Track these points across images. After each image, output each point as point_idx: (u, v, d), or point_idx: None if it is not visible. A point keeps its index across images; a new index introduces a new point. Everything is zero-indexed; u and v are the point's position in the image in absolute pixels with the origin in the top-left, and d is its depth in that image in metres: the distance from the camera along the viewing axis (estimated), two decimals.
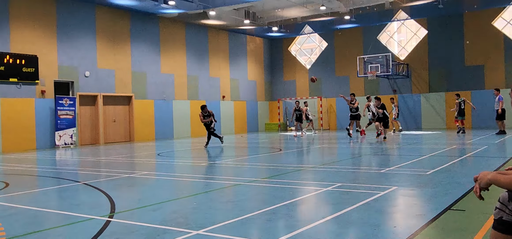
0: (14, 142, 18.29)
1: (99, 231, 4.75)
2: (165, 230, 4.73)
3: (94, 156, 15.02)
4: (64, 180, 9.20)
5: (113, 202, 6.42)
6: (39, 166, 12.43)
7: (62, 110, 19.73)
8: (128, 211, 5.87)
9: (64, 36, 20.15)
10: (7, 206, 6.39)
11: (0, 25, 17.95)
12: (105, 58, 21.86)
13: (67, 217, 5.59)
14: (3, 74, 17.94)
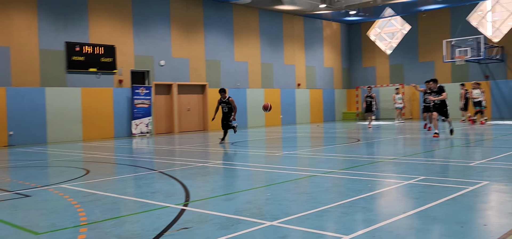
0: (94, 130, 19.61)
1: (174, 219, 4.98)
2: (239, 220, 4.85)
3: (169, 144, 15.69)
4: (140, 168, 9.72)
5: (188, 190, 6.69)
6: (117, 154, 13.23)
7: (138, 100, 20.81)
8: (202, 200, 6.09)
9: (140, 26, 21.18)
10: (87, 192, 6.89)
11: (79, 16, 19.25)
12: (179, 47, 22.67)
13: (144, 204, 5.91)
14: (83, 64, 19.26)
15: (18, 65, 17.51)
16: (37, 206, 6.05)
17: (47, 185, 7.64)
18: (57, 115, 18.48)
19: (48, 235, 4.52)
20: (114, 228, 4.75)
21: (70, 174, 8.98)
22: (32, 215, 5.52)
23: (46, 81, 18.27)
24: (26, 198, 6.53)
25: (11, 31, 17.36)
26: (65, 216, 5.33)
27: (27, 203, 6.22)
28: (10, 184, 7.96)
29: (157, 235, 4.38)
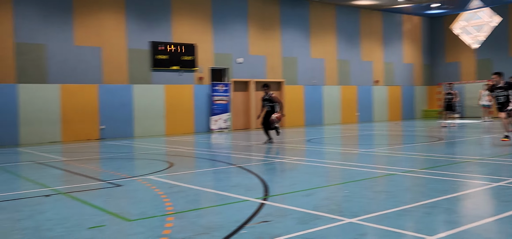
0: (175, 125, 20.49)
1: (254, 212, 5.11)
2: (318, 216, 4.88)
3: (246, 140, 16.01)
4: (219, 162, 10.03)
5: (267, 185, 6.82)
6: (197, 149, 13.73)
7: (217, 96, 21.42)
8: (281, 195, 6.18)
9: (219, 25, 21.76)
10: (172, 183, 7.25)
11: (163, 17, 20.17)
12: (256, 45, 23.01)
13: (225, 197, 6.12)
14: (166, 62, 20.18)
15: (109, 64, 18.73)
16: (127, 195, 6.49)
17: (135, 176, 8.13)
18: (143, 111, 19.54)
19: (139, 222, 4.84)
20: (198, 218, 4.98)
21: (155, 166, 9.48)
22: (124, 203, 5.94)
23: (133, 79, 19.38)
24: (118, 188, 7.01)
25: (102, 32, 18.60)
26: (153, 205, 5.67)
27: (118, 192, 6.68)
28: (103, 174, 8.57)
29: (238, 227, 4.52)
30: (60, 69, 17.68)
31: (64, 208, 5.63)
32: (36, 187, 7.25)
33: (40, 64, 17.30)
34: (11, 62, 16.75)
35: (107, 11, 18.73)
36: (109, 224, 4.80)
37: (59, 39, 17.69)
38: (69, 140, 17.67)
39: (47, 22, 17.45)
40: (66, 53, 17.84)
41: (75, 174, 8.63)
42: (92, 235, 4.41)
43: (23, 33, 16.98)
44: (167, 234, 4.34)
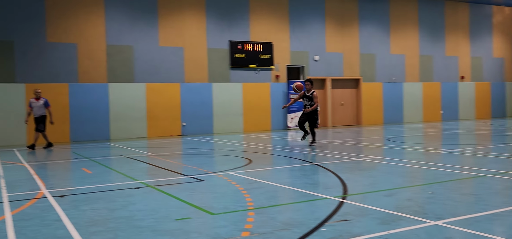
0: (253, 123, 20.83)
1: (334, 211, 5.10)
2: (400, 216, 4.77)
3: (323, 138, 15.90)
4: (296, 160, 10.08)
5: (345, 184, 6.77)
6: (274, 146, 13.87)
7: (293, 94, 21.45)
8: (360, 194, 6.11)
9: (296, 23, 21.79)
10: (252, 180, 7.41)
11: (241, 16, 20.56)
12: (333, 42, 22.76)
13: (303, 195, 6.16)
14: (244, 61, 20.57)
15: (190, 64, 19.47)
16: (210, 189, 6.75)
17: (216, 171, 8.42)
18: (222, 108, 20.10)
19: (221, 216, 5.03)
20: (278, 214, 5.07)
21: (235, 162, 9.74)
22: (207, 197, 6.18)
23: (213, 78, 19.98)
24: (200, 182, 7.30)
25: (184, 33, 19.37)
26: (234, 200, 5.85)
27: (201, 187, 6.96)
28: (186, 169, 8.95)
29: (318, 225, 4.55)
30: (146, 69, 18.68)
31: (152, 200, 5.97)
32: (127, 179, 7.76)
33: (128, 64, 18.38)
34: (103, 63, 17.96)
35: (189, 13, 19.46)
36: (194, 217, 5.03)
37: (145, 41, 18.67)
38: (154, 136, 18.63)
39: (135, 25, 18.48)
40: (152, 54, 18.79)
41: (161, 168, 9.11)
42: (180, 226, 4.65)
43: (113, 36, 18.14)
44: (249, 228, 4.46)
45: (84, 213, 5.32)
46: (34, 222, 4.95)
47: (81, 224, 4.82)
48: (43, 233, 4.50)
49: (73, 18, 17.53)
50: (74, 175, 8.81)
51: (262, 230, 4.38)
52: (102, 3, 17.97)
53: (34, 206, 5.76)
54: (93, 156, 11.76)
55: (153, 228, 4.58)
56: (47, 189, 6.99)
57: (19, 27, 16.70)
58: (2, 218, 5.15)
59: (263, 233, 4.28)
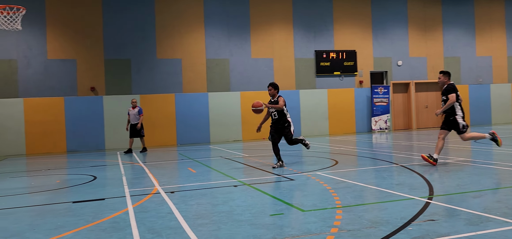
0: (338, 126, 20.53)
1: (420, 211, 4.91)
2: (489, 218, 4.47)
3: (407, 140, 15.25)
4: (381, 161, 9.78)
5: (431, 185, 6.46)
6: (359, 148, 13.56)
7: (377, 98, 20.83)
8: (446, 195, 5.80)
9: (379, 31, 21.14)
10: (338, 179, 7.35)
11: (326, 27, 20.40)
12: (416, 47, 21.75)
13: (389, 195, 5.98)
14: (329, 68, 20.38)
15: (279, 73, 19.71)
16: (300, 188, 6.80)
17: (305, 171, 8.46)
18: (308, 113, 20.08)
19: (311, 212, 5.06)
20: (365, 213, 4.99)
21: (322, 163, 9.69)
22: (297, 195, 6.25)
23: (300, 85, 20.04)
24: (291, 181, 7.39)
25: (274, 45, 19.67)
26: (323, 199, 5.84)
27: (292, 186, 7.04)
28: (277, 169, 9.07)
29: (404, 224, 4.41)
30: (240, 79, 19.25)
31: (249, 197, 6.17)
32: (226, 178, 8.08)
33: (224, 75, 19.07)
34: (203, 75, 18.82)
35: (277, 27, 19.74)
36: (286, 213, 5.13)
37: (239, 54, 19.25)
38: (248, 139, 19.11)
39: (230, 41, 19.15)
40: (245, 65, 19.32)
41: (255, 168, 9.33)
42: (274, 221, 4.77)
43: (212, 51, 18.93)
44: (337, 225, 4.45)
45: (191, 207, 5.64)
46: (151, 214, 5.35)
47: (189, 216, 5.12)
48: (159, 223, 4.85)
49: (178, 37, 18.59)
50: (181, 174, 9.34)
51: (350, 227, 4.35)
52: (202, 23, 18.85)
53: (150, 200, 6.21)
54: (197, 157, 12.36)
55: (251, 222, 4.74)
56: (160, 185, 7.50)
57: (134, 48, 18.08)
58: (125, 210, 5.63)
59: (351, 230, 4.25)
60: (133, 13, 18.07)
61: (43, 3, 17.15)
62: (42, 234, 4.62)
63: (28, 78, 16.97)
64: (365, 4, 21.03)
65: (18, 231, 4.83)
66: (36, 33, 17.05)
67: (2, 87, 16.74)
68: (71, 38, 17.49)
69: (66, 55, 17.43)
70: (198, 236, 4.28)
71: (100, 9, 17.77)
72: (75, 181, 8.57)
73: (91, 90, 17.60)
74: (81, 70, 17.56)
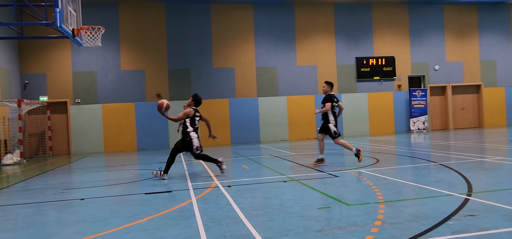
0: (378, 127, 20.02)
1: (459, 206, 4.73)
2: None
3: (445, 140, 14.63)
4: (420, 160, 9.44)
5: (469, 182, 6.19)
6: (398, 147, 13.15)
7: (415, 101, 20.12)
8: (485, 192, 5.53)
9: (416, 38, 20.43)
10: (380, 177, 7.19)
11: (366, 36, 19.96)
12: (453, 52, 20.80)
13: (429, 191, 5.78)
14: (368, 74, 19.92)
15: (323, 78, 19.53)
16: (344, 184, 6.72)
17: (348, 169, 8.34)
18: (350, 115, 19.73)
19: (356, 206, 5.00)
20: (407, 208, 4.87)
21: (364, 161, 9.51)
22: (342, 191, 6.18)
23: (342, 89, 19.75)
24: (335, 178, 7.31)
25: (317, 53, 19.52)
26: (366, 194, 5.75)
27: (337, 182, 6.97)
28: (322, 167, 9.01)
29: (444, 218, 4.27)
30: (286, 85, 19.26)
31: (297, 192, 6.18)
32: (276, 174, 8.13)
33: (272, 81, 19.16)
34: (253, 81, 19.01)
35: (320, 36, 19.58)
36: (332, 207, 5.10)
37: (286, 62, 19.27)
38: (294, 139, 19.08)
39: (277, 50, 19.22)
40: (291, 72, 19.31)
41: (302, 166, 9.32)
42: (321, 213, 4.76)
43: (261, 59, 19.09)
44: (381, 218, 4.38)
45: (246, 200, 5.74)
46: (211, 205, 5.50)
47: (245, 208, 5.22)
48: (219, 214, 4.99)
49: (231, 48, 18.91)
50: (236, 170, 9.49)
51: (393, 221, 4.27)
52: (252, 34, 19.05)
53: (211, 193, 6.38)
54: (249, 155, 12.51)
55: (300, 214, 4.77)
56: (218, 180, 7.68)
57: (193, 59, 18.59)
58: (190, 201, 5.83)
59: (394, 223, 4.17)
60: (192, 28, 18.59)
61: (117, 23, 18.04)
62: (121, 220, 4.88)
63: (105, 87, 17.90)
64: (402, 13, 20.38)
65: (102, 217, 5.14)
66: (111, 48, 17.97)
67: (85, 95, 17.77)
68: (140, 51, 18.27)
69: (136, 66, 18.22)
70: (254, 225, 4.36)
71: (164, 26, 18.43)
72: (146, 175, 8.96)
73: (157, 96, 18.28)
74: (148, 79, 18.29)
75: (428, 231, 3.88)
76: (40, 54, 17.48)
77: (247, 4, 19.00)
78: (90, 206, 5.92)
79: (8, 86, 15.85)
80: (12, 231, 4.73)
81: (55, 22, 8.30)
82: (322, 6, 19.61)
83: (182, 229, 4.36)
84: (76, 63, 17.73)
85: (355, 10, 19.90)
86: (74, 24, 9.46)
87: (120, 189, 7.42)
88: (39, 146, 17.27)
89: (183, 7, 18.52)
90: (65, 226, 4.85)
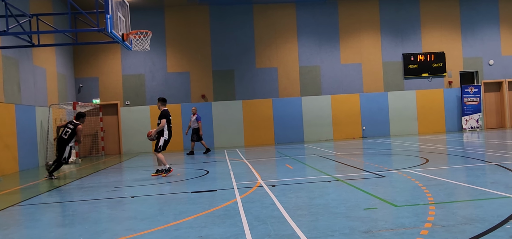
0: (427, 125, 19.23)
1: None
2: None
3: (501, 138, 13.78)
4: (473, 160, 8.97)
5: None
6: (449, 147, 12.57)
7: (467, 98, 19.13)
8: None
9: (468, 31, 19.42)
10: (430, 177, 6.91)
11: (413, 31, 19.24)
12: (509, 45, 19.54)
13: (483, 193, 5.49)
14: (417, 70, 19.19)
15: (368, 76, 19.07)
16: (391, 184, 6.52)
17: (396, 169, 8.09)
18: (397, 113, 19.12)
19: (404, 208, 4.84)
20: (459, 209, 4.65)
21: (412, 161, 9.19)
22: (390, 191, 6.00)
23: (388, 87, 19.17)
24: (382, 178, 7.12)
25: (362, 51, 19.08)
26: (415, 195, 5.55)
27: (383, 182, 6.78)
28: (368, 166, 8.82)
29: (501, 222, 4.03)
30: (330, 84, 18.99)
31: (343, 192, 6.08)
32: (320, 174, 8.05)
33: (316, 80, 18.97)
34: (297, 81, 18.93)
35: (365, 33, 19.12)
36: (379, 207, 4.97)
37: (329, 60, 19.01)
38: (338, 138, 18.79)
39: (321, 49, 19.00)
40: (335, 71, 19.02)
41: (347, 166, 9.16)
42: (368, 214, 4.65)
43: (304, 59, 18.96)
44: (431, 220, 4.21)
45: (291, 200, 5.73)
46: (256, 204, 5.54)
47: (290, 208, 5.21)
48: (264, 213, 5.01)
49: (274, 48, 18.94)
50: (280, 169, 9.49)
51: (444, 223, 4.09)
52: (295, 34, 18.97)
53: (255, 193, 6.43)
54: (293, 155, 12.47)
55: (346, 214, 4.69)
56: (262, 180, 7.72)
57: (237, 59, 18.81)
58: (234, 200, 5.91)
59: (445, 226, 4.00)
60: (235, 29, 18.82)
61: (163, 26, 18.64)
62: (169, 218, 5.05)
63: (153, 89, 18.55)
64: (453, 6, 19.44)
65: (151, 214, 5.34)
66: (158, 51, 18.59)
67: (134, 97, 18.52)
68: (185, 54, 18.76)
69: (182, 68, 18.73)
70: (299, 225, 4.35)
71: (208, 28, 18.80)
72: (192, 175, 9.19)
73: (202, 97, 18.68)
74: (193, 80, 18.74)
75: (483, 234, 3.68)
76: (93, 59, 18.43)
77: (289, 4, 18.94)
78: (140, 204, 6.16)
79: (64, 90, 16.87)
80: (69, 226, 5.03)
81: (106, 28, 8.72)
82: (366, 2, 19.14)
83: (228, 227, 4.43)
84: (125, 67, 18.52)
85: (401, 4, 19.24)
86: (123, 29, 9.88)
87: (168, 187, 7.66)
88: (92, 146, 18.22)
89: (226, 8, 18.80)
90: (117, 222, 5.09)
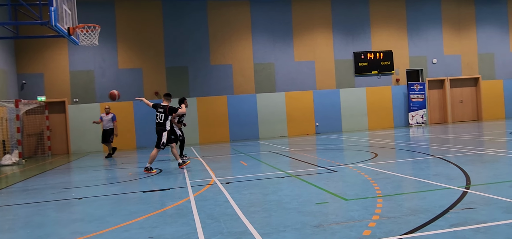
0: (376, 121, 20.02)
1: (458, 200, 4.72)
2: None
3: (443, 133, 14.62)
4: (418, 153, 9.44)
5: (468, 175, 6.18)
6: (397, 141, 13.15)
7: (413, 94, 20.11)
8: (483, 185, 5.53)
9: (414, 31, 20.40)
10: (378, 171, 7.18)
11: (363, 31, 19.93)
12: (450, 45, 20.78)
13: (427, 185, 5.78)
14: (367, 68, 19.89)
15: (320, 74, 19.50)
16: (342, 179, 6.70)
17: (347, 163, 8.33)
18: (348, 110, 19.72)
19: (354, 201, 4.99)
20: (405, 201, 4.86)
21: (362, 156, 9.51)
22: (340, 186, 6.16)
23: (340, 84, 19.72)
24: (334, 173, 7.30)
25: (315, 49, 19.47)
26: (364, 188, 5.74)
27: (335, 177, 6.96)
28: (321, 162, 9.02)
29: (443, 211, 4.26)
30: (284, 81, 19.23)
31: (296, 187, 6.16)
32: (274, 170, 8.11)
33: (270, 78, 19.13)
34: (251, 78, 18.98)
35: (318, 31, 19.53)
36: (331, 202, 5.08)
37: (283, 58, 19.23)
38: (293, 135, 19.07)
39: (275, 46, 19.17)
40: (289, 68, 19.28)
41: (301, 161, 9.31)
42: (319, 209, 4.74)
43: (259, 56, 19.04)
44: (379, 213, 4.37)
45: (244, 196, 5.72)
46: (209, 202, 5.48)
47: (243, 205, 5.20)
48: (217, 211, 4.97)
49: (228, 45, 18.86)
50: (234, 167, 9.47)
51: (391, 215, 4.25)
52: (250, 31, 19.00)
53: (209, 190, 6.36)
54: (247, 152, 12.50)
55: (298, 209, 4.75)
56: (216, 177, 7.66)
57: (191, 56, 18.53)
58: (188, 199, 5.81)
59: (392, 217, 4.16)
60: (189, 25, 18.53)
61: (113, 21, 17.97)
62: (119, 219, 4.86)
63: (103, 86, 17.85)
64: (400, 7, 20.34)
65: (100, 215, 5.12)
66: (108, 47, 17.90)
67: (83, 94, 17.72)
68: (137, 50, 18.21)
69: (134, 65, 18.17)
70: (252, 222, 4.34)
71: (161, 24, 18.37)
72: (145, 173, 8.94)
73: (155, 94, 18.23)
74: (146, 77, 18.24)
75: (426, 224, 3.86)
76: (37, 54, 17.41)
77: (243, 1, 18.93)
78: (88, 205, 5.90)
79: (5, 87, 15.79)
80: (10, 231, 4.71)
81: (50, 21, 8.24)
82: (319, 1, 19.55)
83: (180, 227, 4.34)
84: (73, 63, 17.67)
85: (352, 4, 19.84)
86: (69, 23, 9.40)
87: (119, 187, 7.40)
88: (38, 146, 17.23)
89: (179, 4, 18.45)
90: (62, 225, 4.83)
